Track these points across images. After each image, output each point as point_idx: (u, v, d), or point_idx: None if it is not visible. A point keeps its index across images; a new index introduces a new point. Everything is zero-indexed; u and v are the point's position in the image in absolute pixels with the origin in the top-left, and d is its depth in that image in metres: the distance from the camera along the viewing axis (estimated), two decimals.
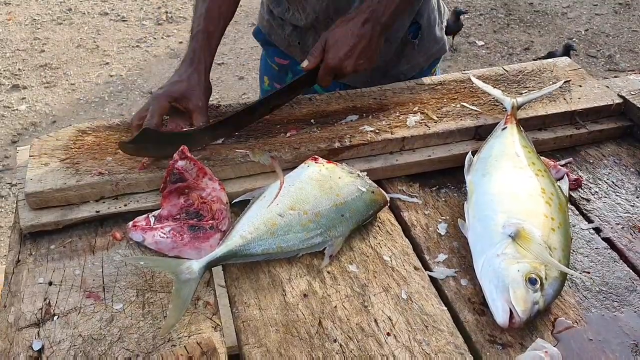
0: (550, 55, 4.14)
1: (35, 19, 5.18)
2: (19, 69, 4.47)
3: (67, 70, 4.48)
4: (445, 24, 1.69)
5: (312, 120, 1.37)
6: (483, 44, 5.05)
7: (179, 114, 1.31)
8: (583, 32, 5.14)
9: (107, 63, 4.59)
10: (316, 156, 1.23)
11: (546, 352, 0.90)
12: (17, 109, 4.04)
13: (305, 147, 1.28)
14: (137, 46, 4.83)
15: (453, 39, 4.85)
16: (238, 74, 4.47)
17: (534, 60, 3.51)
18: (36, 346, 0.96)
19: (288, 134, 1.32)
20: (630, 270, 1.11)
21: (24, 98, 4.15)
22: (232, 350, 0.99)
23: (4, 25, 5.09)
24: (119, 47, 4.81)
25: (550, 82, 1.50)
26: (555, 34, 5.15)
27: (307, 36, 1.58)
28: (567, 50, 4.12)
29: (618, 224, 1.20)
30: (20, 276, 1.09)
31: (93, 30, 5.05)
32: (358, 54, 1.31)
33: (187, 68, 1.33)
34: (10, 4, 5.44)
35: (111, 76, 4.43)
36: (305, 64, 1.35)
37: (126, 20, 5.21)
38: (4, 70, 4.44)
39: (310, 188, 1.15)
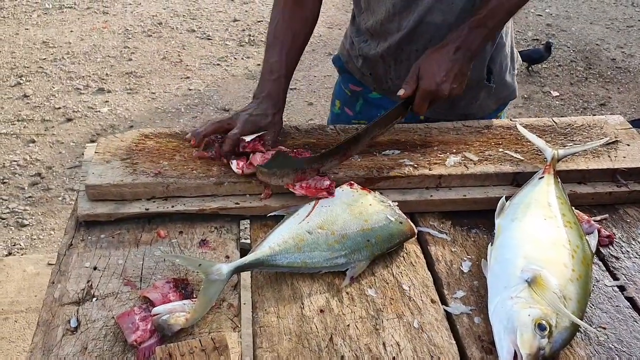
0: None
1: (127, 29, 5.53)
2: (107, 74, 4.78)
3: (150, 79, 4.76)
4: (516, 70, 1.74)
5: None
6: (558, 94, 4.99)
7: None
8: None
9: (188, 77, 4.84)
10: (352, 182, 1.30)
11: None
12: (99, 111, 4.32)
13: (344, 172, 1.35)
14: (218, 64, 5.07)
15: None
16: (308, 100, 4.60)
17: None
18: (73, 323, 1.07)
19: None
20: None
21: (107, 101, 4.43)
22: None
23: (100, 32, 5.47)
24: (201, 63, 5.06)
25: (599, 139, 1.51)
26: (636, 92, 5.02)
27: (376, 66, 1.66)
28: None
29: None
30: (70, 258, 1.20)
31: (179, 45, 5.33)
32: (453, 78, 1.39)
33: (269, 107, 1.46)
34: (108, 13, 5.83)
35: (190, 90, 4.66)
36: (401, 92, 1.40)
37: (211, 39, 5.48)
38: (93, 74, 4.76)
39: (340, 210, 1.21)
